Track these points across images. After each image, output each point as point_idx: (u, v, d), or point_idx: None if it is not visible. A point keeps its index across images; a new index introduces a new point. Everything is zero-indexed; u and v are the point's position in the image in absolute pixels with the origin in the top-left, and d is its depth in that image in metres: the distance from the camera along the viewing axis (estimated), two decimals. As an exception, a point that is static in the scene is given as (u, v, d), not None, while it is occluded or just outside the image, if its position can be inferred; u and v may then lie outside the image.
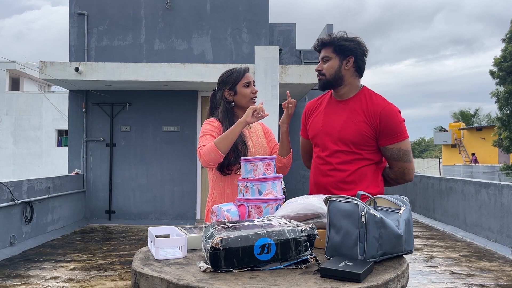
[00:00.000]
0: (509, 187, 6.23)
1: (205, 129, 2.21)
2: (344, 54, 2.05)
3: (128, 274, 4.83)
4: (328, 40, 2.07)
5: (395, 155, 2.04)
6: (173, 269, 1.35)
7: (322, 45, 2.10)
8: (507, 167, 20.89)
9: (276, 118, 6.81)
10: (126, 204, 8.38)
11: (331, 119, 2.10)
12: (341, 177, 2.04)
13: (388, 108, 2.02)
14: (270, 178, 1.84)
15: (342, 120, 2.06)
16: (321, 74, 2.09)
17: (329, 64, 2.06)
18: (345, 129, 2.03)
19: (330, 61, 2.06)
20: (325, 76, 2.08)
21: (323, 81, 2.09)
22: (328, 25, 10.14)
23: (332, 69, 2.06)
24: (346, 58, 2.05)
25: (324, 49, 2.09)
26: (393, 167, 2.09)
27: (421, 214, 9.30)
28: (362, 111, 2.04)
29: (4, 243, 5.77)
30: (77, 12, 8.49)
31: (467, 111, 37.24)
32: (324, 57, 2.08)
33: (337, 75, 2.06)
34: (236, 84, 2.28)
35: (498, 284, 4.64)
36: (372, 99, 2.06)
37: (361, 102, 2.06)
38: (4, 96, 20.70)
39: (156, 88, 8.23)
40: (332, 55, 2.06)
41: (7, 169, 19.91)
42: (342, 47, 2.05)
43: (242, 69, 2.32)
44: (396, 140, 2.01)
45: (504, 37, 19.26)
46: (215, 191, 2.26)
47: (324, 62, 2.08)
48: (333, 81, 2.08)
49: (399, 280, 1.34)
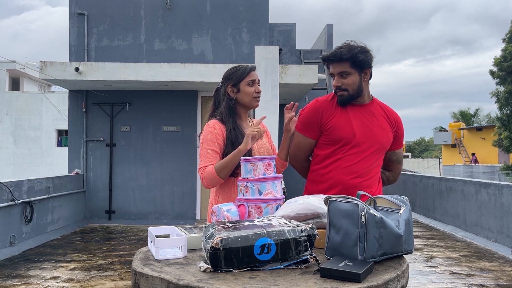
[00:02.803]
0: (509, 187, 6.23)
1: (206, 141, 2.14)
2: (362, 67, 2.06)
3: (128, 274, 4.83)
4: (347, 55, 2.03)
5: (400, 158, 2.24)
6: (173, 269, 1.35)
7: (338, 60, 2.05)
8: (507, 167, 20.89)
9: (276, 118, 6.81)
10: (126, 204, 8.38)
11: (363, 123, 2.11)
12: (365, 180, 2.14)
13: (398, 116, 2.24)
14: (270, 178, 1.84)
15: (374, 125, 2.12)
16: (342, 89, 2.07)
17: (350, 80, 2.05)
18: (380, 135, 2.13)
19: (351, 76, 2.05)
20: (347, 92, 2.07)
21: (346, 96, 2.08)
22: (328, 25, 10.14)
23: (355, 85, 2.06)
24: (363, 71, 2.08)
25: (339, 64, 2.06)
26: (394, 169, 2.26)
27: (421, 214, 9.30)
28: (383, 118, 2.15)
29: (4, 243, 5.77)
30: (77, 12, 8.49)
31: (467, 111, 37.25)
32: (343, 73, 2.05)
33: (359, 89, 2.08)
34: (240, 81, 2.22)
35: (498, 284, 4.64)
36: (385, 106, 2.22)
37: (379, 109, 2.18)
38: (4, 96, 20.70)
39: (156, 88, 8.23)
40: (351, 70, 2.05)
41: (7, 169, 19.90)
42: (360, 62, 2.04)
43: (248, 66, 2.27)
44: (402, 145, 2.23)
45: (504, 37, 19.26)
46: (220, 196, 2.20)
47: (343, 78, 2.06)
48: (356, 95, 2.10)
49: (399, 280, 1.34)
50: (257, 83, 2.25)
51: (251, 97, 2.22)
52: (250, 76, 2.22)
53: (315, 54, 10.01)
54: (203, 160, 2.12)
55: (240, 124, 2.24)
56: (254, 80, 2.23)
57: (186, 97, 8.42)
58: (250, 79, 2.22)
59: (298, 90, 7.98)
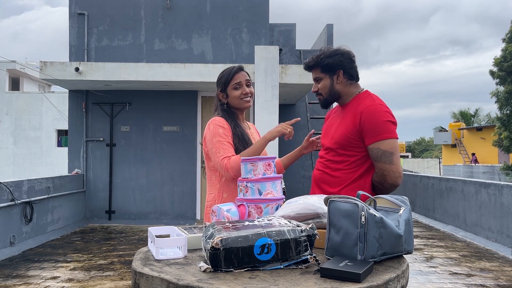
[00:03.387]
0: (509, 187, 6.23)
1: (219, 134, 2.14)
2: (332, 70, 2.11)
3: (128, 274, 4.83)
4: (313, 63, 2.15)
5: (374, 155, 2.00)
6: (173, 269, 1.35)
7: (309, 68, 2.19)
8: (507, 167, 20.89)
9: (276, 118, 6.81)
10: (126, 204, 8.38)
11: (329, 124, 2.25)
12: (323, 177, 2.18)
13: (372, 107, 2.00)
14: (270, 178, 1.84)
15: (336, 124, 2.17)
16: (318, 94, 2.19)
17: (322, 84, 2.15)
18: (336, 132, 2.13)
19: (322, 81, 2.15)
20: (322, 96, 2.18)
21: (322, 100, 2.20)
22: (328, 25, 10.14)
23: (326, 88, 2.14)
24: (335, 74, 2.12)
25: (313, 71, 2.18)
26: (375, 168, 2.04)
27: (421, 214, 9.30)
28: (349, 113, 2.08)
29: (4, 243, 5.77)
30: (77, 12, 8.49)
31: (467, 111, 37.25)
32: (316, 78, 2.17)
33: (331, 92, 2.14)
34: (227, 86, 2.25)
35: (498, 284, 4.64)
36: (362, 100, 2.07)
37: (353, 104, 2.11)
38: (4, 96, 20.70)
39: (156, 88, 8.23)
40: (321, 75, 2.14)
41: (7, 169, 19.91)
42: (327, 65, 2.11)
43: (233, 69, 2.26)
44: (375, 140, 1.98)
45: (504, 37, 19.26)
46: (225, 192, 2.20)
47: (318, 82, 2.18)
48: (330, 98, 2.17)
49: (399, 280, 1.34)
50: (245, 83, 2.25)
51: (238, 100, 2.24)
52: (235, 79, 2.24)
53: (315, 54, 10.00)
54: (222, 151, 2.11)
55: (240, 124, 2.29)
56: (240, 82, 2.24)
57: (186, 97, 8.42)
58: (234, 83, 2.24)
59: (298, 90, 7.98)
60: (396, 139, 2.01)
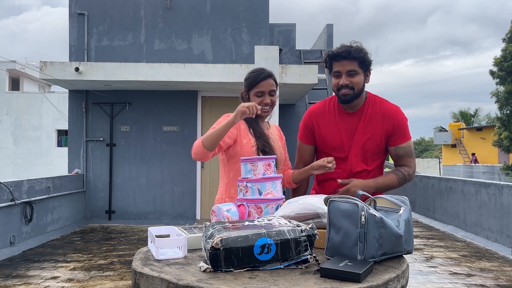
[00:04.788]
0: (509, 187, 6.23)
1: (217, 123, 2.12)
2: (366, 68, 2.09)
3: (128, 274, 4.83)
4: (358, 54, 2.03)
5: (408, 152, 2.20)
6: (173, 269, 1.35)
7: (349, 57, 2.04)
8: (507, 167, 20.87)
9: (276, 118, 6.81)
10: (126, 204, 8.38)
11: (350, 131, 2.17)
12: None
13: (398, 110, 2.19)
14: (270, 178, 1.84)
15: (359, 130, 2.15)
16: (349, 88, 2.05)
17: (358, 79, 2.05)
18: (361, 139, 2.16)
19: (358, 75, 2.05)
20: (353, 91, 2.06)
21: (351, 95, 2.07)
22: (328, 25, 10.14)
23: (360, 84, 2.07)
24: (366, 72, 2.10)
25: (349, 62, 2.04)
26: (407, 163, 2.21)
27: (421, 214, 9.30)
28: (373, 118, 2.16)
29: (4, 243, 5.77)
30: (77, 12, 8.49)
31: (467, 111, 37.23)
32: (351, 71, 2.04)
33: (362, 89, 2.10)
34: (250, 90, 2.24)
35: (498, 284, 4.64)
36: (383, 103, 2.18)
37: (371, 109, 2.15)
38: (4, 96, 20.70)
39: (156, 88, 8.23)
40: (358, 70, 2.06)
41: (7, 169, 19.90)
42: (366, 62, 2.06)
43: (259, 76, 2.21)
44: (406, 140, 2.18)
45: (504, 37, 19.24)
46: (232, 188, 2.19)
47: (351, 76, 2.05)
48: (358, 96, 2.10)
49: (399, 280, 1.34)
50: (268, 93, 2.21)
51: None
52: (259, 87, 2.20)
53: (315, 54, 10.01)
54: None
55: (258, 122, 2.26)
56: (263, 91, 2.20)
57: (186, 97, 8.42)
58: (258, 90, 2.21)
59: (298, 90, 7.98)
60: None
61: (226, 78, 7.33)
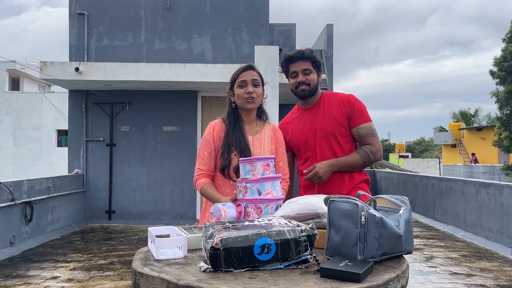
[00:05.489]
0: (509, 187, 6.22)
1: (204, 142, 2.24)
2: (318, 68, 2.37)
3: (128, 274, 4.83)
4: (309, 54, 2.33)
5: (370, 132, 2.36)
6: (173, 269, 1.35)
7: (303, 58, 2.32)
8: (507, 167, 20.87)
9: (276, 118, 6.80)
10: (126, 204, 8.38)
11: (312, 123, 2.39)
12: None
13: (352, 96, 2.38)
14: (269, 178, 1.84)
15: (320, 118, 2.35)
16: (305, 84, 2.33)
17: (312, 76, 2.34)
18: (325, 124, 2.34)
19: (312, 73, 2.34)
20: (309, 86, 2.33)
21: (308, 91, 2.34)
22: (328, 25, 10.13)
23: (315, 81, 2.35)
24: (318, 72, 2.38)
25: (303, 62, 2.32)
26: (370, 142, 2.35)
27: (421, 214, 9.30)
28: (330, 105, 2.35)
29: (4, 243, 5.77)
30: (77, 12, 8.49)
31: (467, 111, 37.24)
32: (306, 70, 2.33)
33: (316, 86, 2.37)
34: (234, 84, 2.22)
35: (498, 284, 4.64)
36: (334, 95, 2.39)
37: (326, 100, 2.37)
38: (4, 96, 20.70)
39: (156, 88, 8.23)
40: (312, 69, 2.34)
41: (7, 169, 19.90)
42: (318, 63, 2.36)
43: (241, 67, 2.23)
44: (365, 120, 2.35)
45: (504, 37, 19.25)
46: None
47: (306, 74, 2.33)
48: (313, 92, 2.36)
49: (399, 280, 1.34)
50: (251, 82, 2.18)
51: (242, 99, 2.18)
52: (241, 77, 2.19)
53: (315, 54, 10.00)
54: (199, 161, 2.24)
55: (242, 126, 2.22)
56: (245, 80, 2.18)
57: (186, 97, 8.42)
58: (240, 80, 2.19)
59: (298, 90, 7.97)
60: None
61: (226, 78, 7.30)
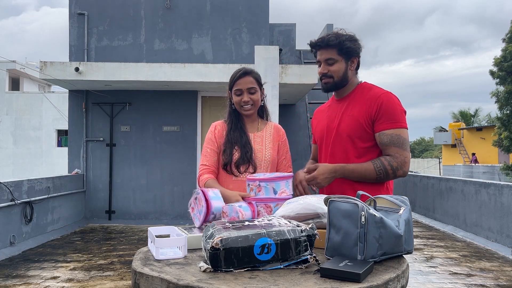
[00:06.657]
0: (509, 187, 6.23)
1: (207, 141, 2.28)
2: (349, 55, 2.03)
3: (128, 274, 4.83)
4: (334, 42, 2.00)
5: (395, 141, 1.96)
6: (173, 269, 1.35)
7: (326, 46, 2.02)
8: (507, 167, 20.86)
9: (276, 118, 6.80)
10: (126, 204, 8.38)
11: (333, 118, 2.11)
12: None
13: (388, 95, 2.00)
14: (283, 177, 1.88)
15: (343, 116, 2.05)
16: (327, 76, 2.04)
17: (336, 67, 2.02)
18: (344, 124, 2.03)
19: (337, 63, 2.02)
20: (332, 79, 2.04)
21: (331, 84, 2.05)
22: (328, 25, 10.13)
23: (340, 72, 2.03)
24: (350, 59, 2.04)
25: (326, 50, 2.02)
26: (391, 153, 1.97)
27: (421, 214, 9.30)
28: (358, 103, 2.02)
29: (4, 243, 5.77)
30: (77, 12, 8.49)
31: (467, 111, 37.22)
32: (329, 59, 2.02)
33: (344, 76, 2.04)
34: (231, 89, 2.28)
35: (498, 284, 4.64)
36: (371, 89, 2.05)
37: (358, 95, 2.05)
38: (4, 96, 20.70)
39: (156, 88, 8.23)
40: (338, 58, 2.02)
41: (7, 169, 19.90)
42: (348, 49, 2.01)
43: (236, 74, 2.23)
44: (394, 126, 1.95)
45: (504, 37, 19.24)
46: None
47: (329, 65, 2.03)
48: (340, 83, 2.05)
49: (399, 280, 1.34)
50: (246, 91, 2.20)
51: (239, 106, 2.25)
52: (236, 85, 2.22)
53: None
54: (203, 157, 2.28)
55: (243, 124, 2.29)
56: (241, 89, 2.21)
57: (186, 97, 8.42)
58: (236, 89, 2.23)
59: (298, 90, 7.98)
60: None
61: (226, 78, 7.30)
